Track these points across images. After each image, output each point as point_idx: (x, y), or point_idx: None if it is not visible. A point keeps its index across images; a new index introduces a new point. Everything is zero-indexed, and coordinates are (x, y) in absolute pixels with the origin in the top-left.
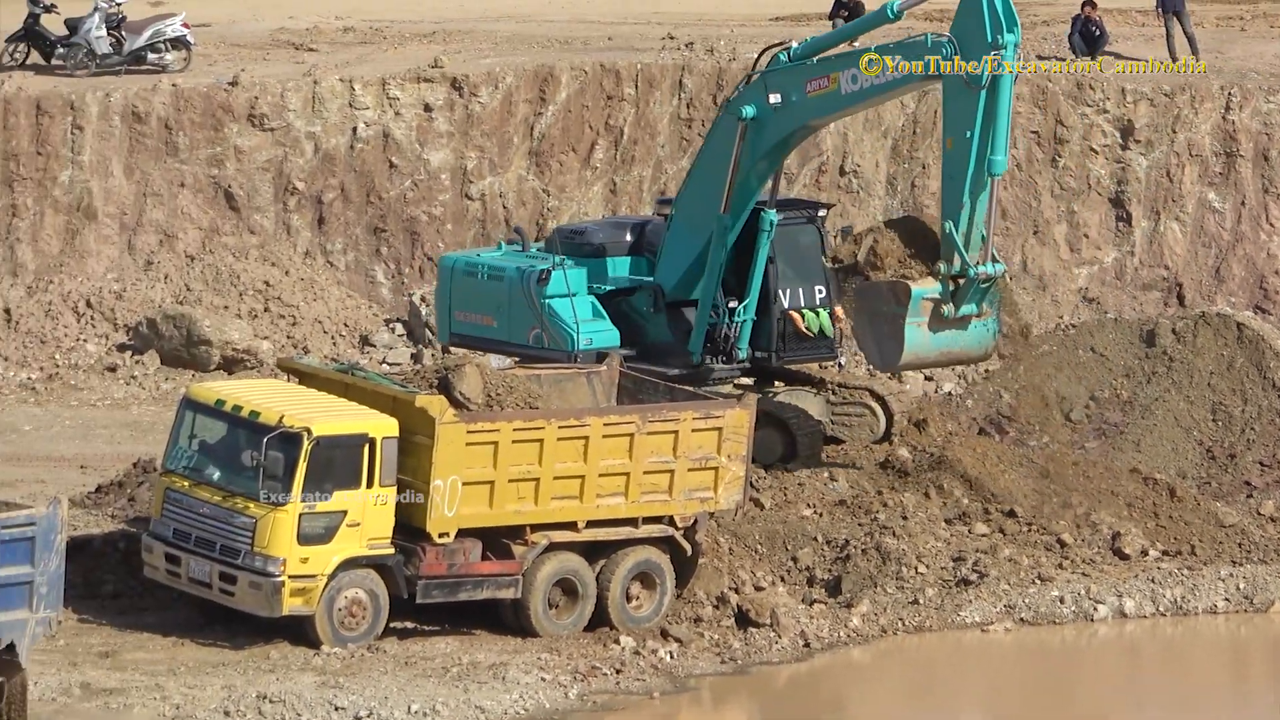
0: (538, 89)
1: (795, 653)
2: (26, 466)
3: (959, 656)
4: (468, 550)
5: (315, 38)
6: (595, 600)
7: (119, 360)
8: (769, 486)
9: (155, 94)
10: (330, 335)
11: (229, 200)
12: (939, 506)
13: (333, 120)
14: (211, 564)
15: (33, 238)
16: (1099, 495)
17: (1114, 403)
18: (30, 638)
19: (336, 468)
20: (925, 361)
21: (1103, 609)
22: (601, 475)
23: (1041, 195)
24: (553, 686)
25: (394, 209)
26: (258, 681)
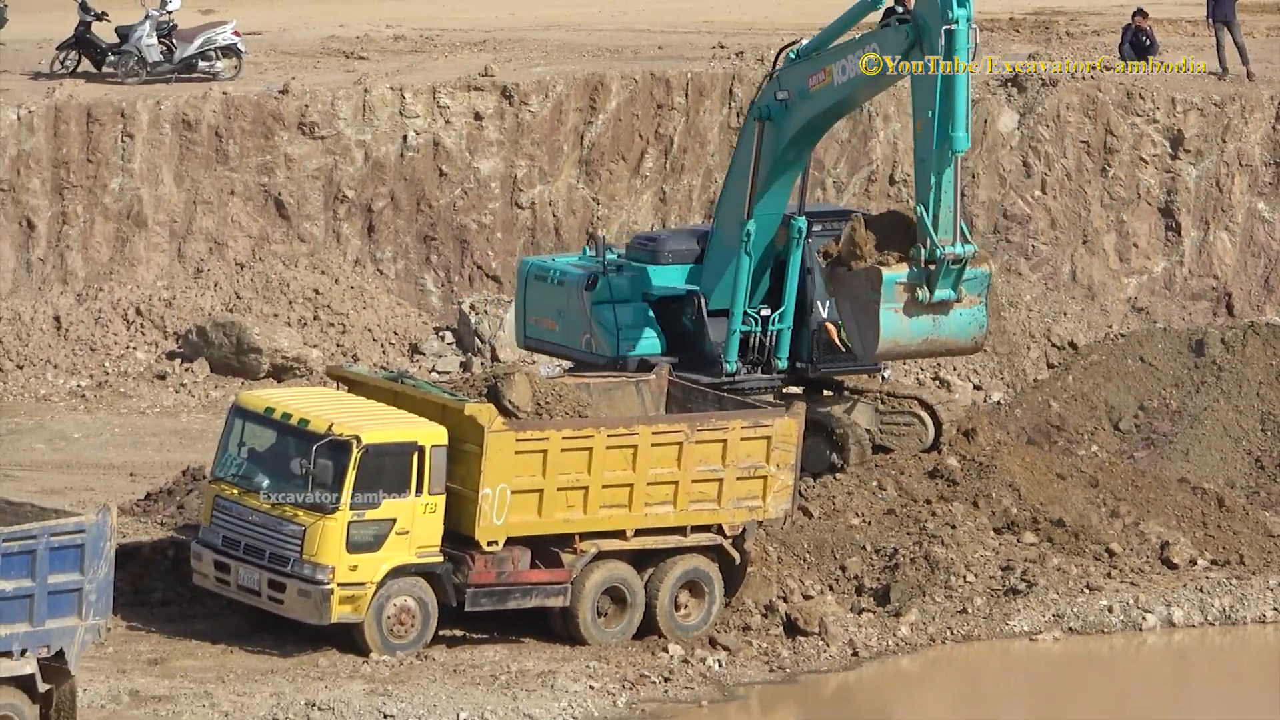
0: (588, 97)
1: (843, 661)
2: (76, 474)
3: (1007, 666)
4: (516, 558)
5: (366, 46)
6: (644, 608)
7: (168, 368)
8: (817, 495)
9: (206, 102)
10: (379, 343)
11: (279, 208)
12: (987, 515)
13: (383, 128)
14: (260, 571)
15: (83, 245)
16: (1147, 505)
17: (1163, 412)
18: (79, 645)
19: (385, 475)
20: (907, 350)
21: (1151, 618)
22: (650, 484)
23: (1091, 205)
24: (601, 695)
25: (444, 217)
26: (306, 689)
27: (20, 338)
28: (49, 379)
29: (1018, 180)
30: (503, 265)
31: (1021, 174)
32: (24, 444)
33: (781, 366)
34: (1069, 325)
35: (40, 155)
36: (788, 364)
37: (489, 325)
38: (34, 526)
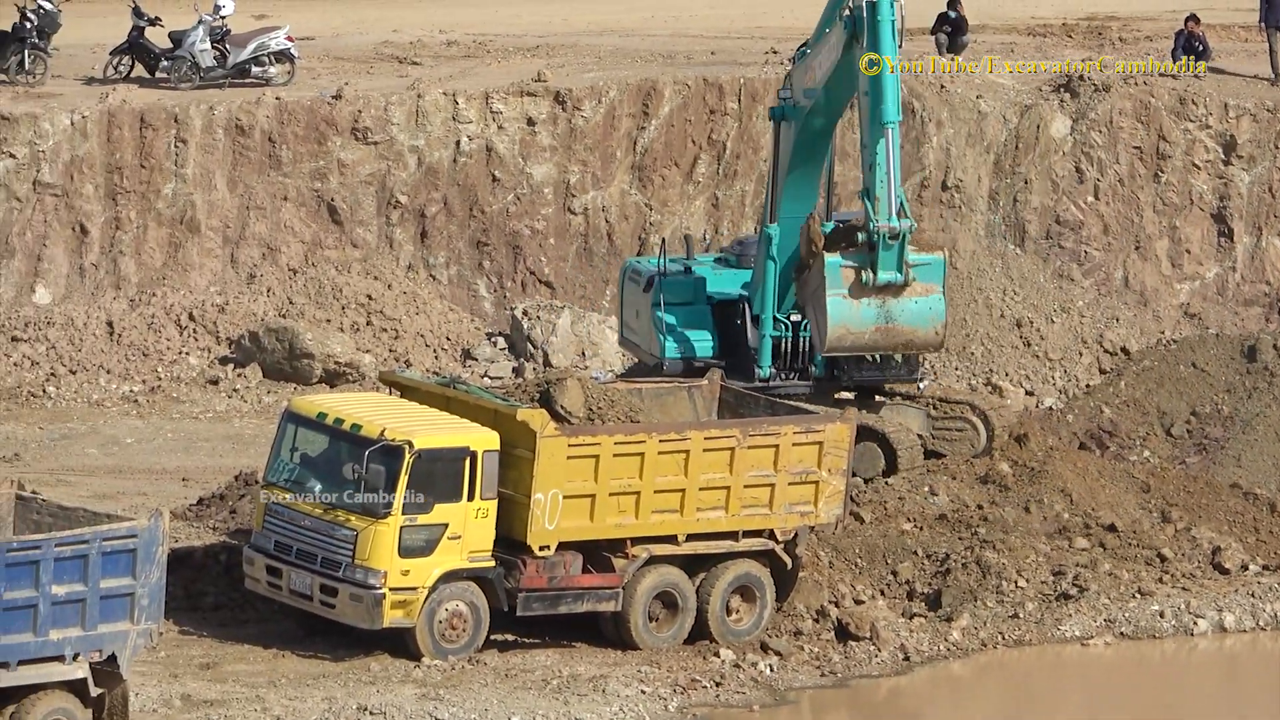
0: (641, 103)
1: (895, 666)
2: (128, 479)
3: (1059, 671)
4: (568, 563)
5: (419, 51)
6: (695, 613)
7: (221, 373)
8: (869, 500)
9: (259, 107)
10: (432, 349)
11: (332, 213)
12: (1039, 521)
13: (436, 134)
14: (312, 576)
15: (136, 251)
16: (1199, 510)
17: (1215, 418)
18: (132, 649)
19: (438, 481)
20: (860, 339)
21: (1203, 623)
22: (702, 489)
23: (1144, 210)
24: (653, 699)
25: (496, 223)
26: (358, 693)
27: (73, 343)
28: (102, 384)
29: (1070, 186)
30: (555, 271)
31: (1074, 180)
32: (77, 449)
33: (817, 373)
34: (1121, 331)
35: (93, 160)
36: (824, 371)
37: (541, 331)
38: (87, 531)
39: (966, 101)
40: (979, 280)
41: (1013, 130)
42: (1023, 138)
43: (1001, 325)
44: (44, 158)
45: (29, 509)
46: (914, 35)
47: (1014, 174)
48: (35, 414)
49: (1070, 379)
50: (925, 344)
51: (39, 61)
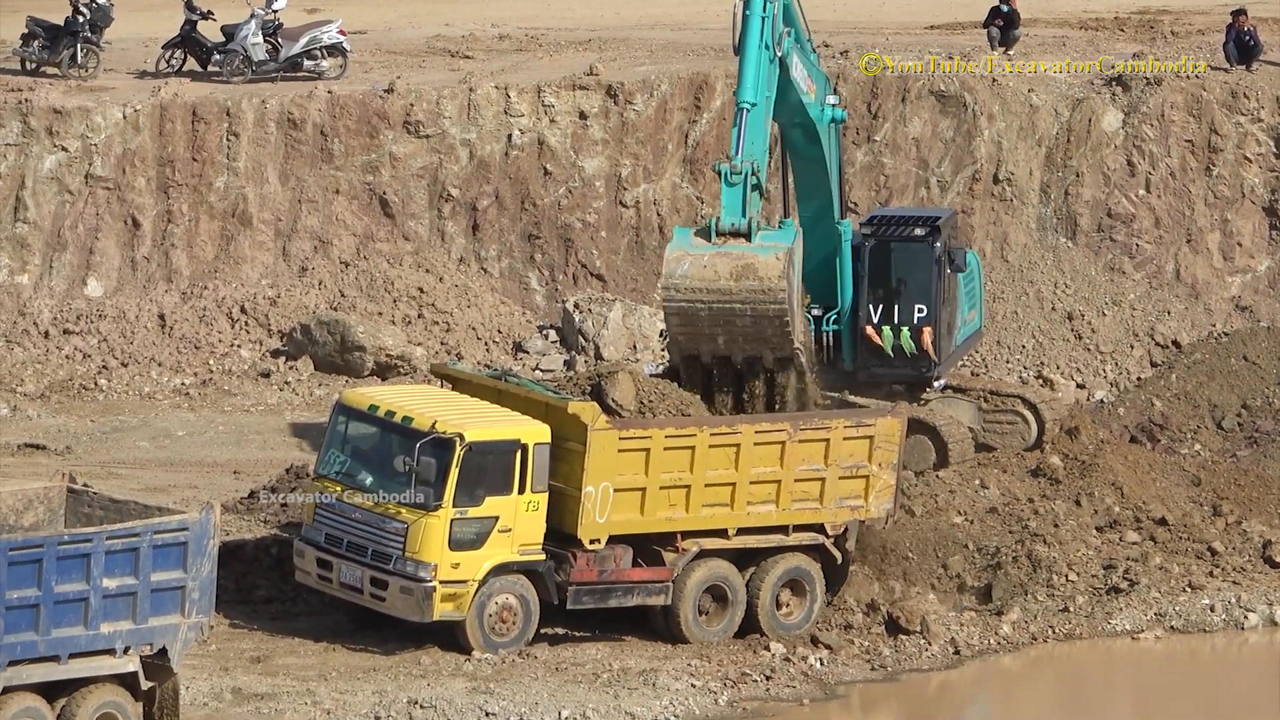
0: (692, 96)
1: (945, 660)
2: (180, 472)
3: (1109, 664)
4: (619, 556)
5: (471, 45)
6: (745, 607)
7: (273, 366)
8: (920, 494)
9: (311, 101)
10: (483, 341)
11: (384, 207)
12: (1090, 514)
13: (488, 127)
14: (363, 569)
15: (188, 244)
16: (1250, 503)
17: (1266, 411)
18: (182, 642)
19: (488, 473)
20: (700, 266)
21: (1254, 617)
22: (753, 483)
23: (1195, 204)
24: (703, 693)
25: (548, 216)
26: (409, 687)
27: (125, 336)
28: (154, 377)
29: (1122, 179)
30: (606, 264)
31: (1126, 173)
32: (129, 441)
33: (848, 367)
34: (1172, 324)
35: (145, 154)
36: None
37: (593, 324)
38: (138, 525)
39: (1018, 94)
40: (1030, 273)
41: (1064, 123)
42: (1074, 131)
43: (1053, 318)
44: (96, 151)
45: (80, 502)
46: (966, 29)
47: (1065, 167)
48: (87, 407)
49: (1121, 372)
50: (769, 276)
51: (91, 55)
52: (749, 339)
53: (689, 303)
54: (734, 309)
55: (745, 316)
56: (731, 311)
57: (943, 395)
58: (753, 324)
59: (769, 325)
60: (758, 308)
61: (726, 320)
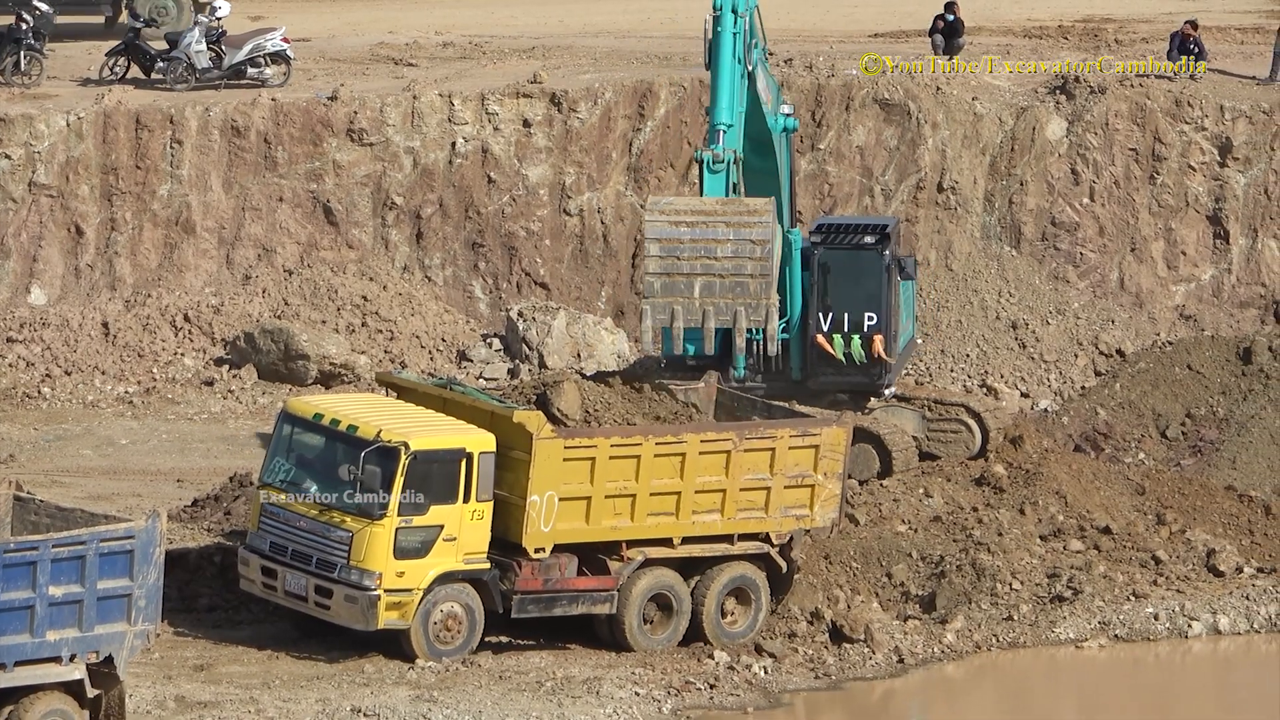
0: (636, 104)
1: (889, 668)
2: (123, 480)
3: (1053, 673)
4: (563, 565)
5: (415, 53)
6: (690, 616)
7: (216, 374)
8: (864, 503)
9: (254, 108)
10: (428, 350)
11: (327, 215)
12: (1034, 523)
13: (431, 135)
14: (307, 577)
15: (131, 251)
16: (1194, 512)
17: (1210, 420)
18: (129, 650)
19: (433, 482)
20: (687, 211)
21: (1197, 626)
22: (698, 492)
23: (1139, 212)
24: (647, 701)
25: (492, 224)
26: (352, 695)
27: (69, 344)
28: (97, 385)
29: (1066, 188)
30: (550, 272)
31: (1070, 181)
32: (72, 450)
33: (796, 376)
34: (1117, 333)
35: (89, 161)
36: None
37: (537, 332)
38: (84, 532)
39: (962, 103)
40: (974, 282)
41: (1008, 132)
42: (1018, 139)
43: (997, 327)
44: (39, 159)
45: (27, 510)
46: (910, 37)
47: (1009, 175)
48: (30, 415)
49: (1065, 381)
50: (756, 204)
51: (35, 62)
52: (726, 287)
53: (673, 224)
54: (717, 233)
55: (727, 243)
56: (714, 238)
57: (887, 404)
58: (733, 258)
59: (750, 257)
60: (741, 231)
61: (707, 251)
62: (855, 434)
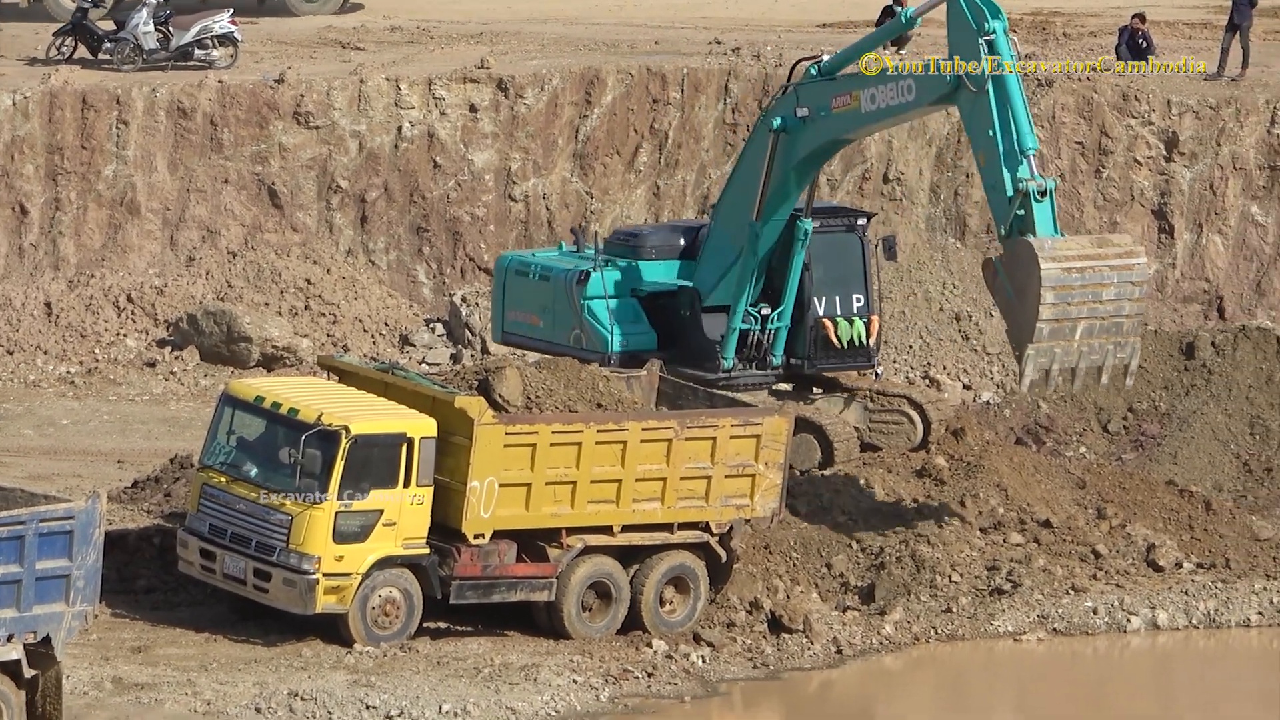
0: (583, 91)
1: (827, 659)
2: (63, 460)
3: (991, 665)
4: (503, 552)
5: (362, 37)
6: (629, 604)
7: (158, 355)
8: (805, 493)
9: (201, 90)
10: (370, 334)
11: (272, 197)
12: (974, 515)
13: (378, 119)
14: (246, 560)
15: (75, 232)
16: (1134, 507)
17: (1152, 415)
18: (66, 631)
19: (374, 467)
20: (1072, 257)
21: (1136, 620)
22: (639, 480)
23: (1085, 206)
24: (584, 689)
25: (437, 209)
26: (290, 679)
27: (11, 323)
28: (39, 365)
29: None
30: (494, 258)
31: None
32: (12, 429)
33: (777, 364)
34: None
35: (35, 141)
36: (783, 361)
37: (480, 318)
38: (23, 512)
39: None
40: (919, 273)
41: (955, 124)
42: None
43: (940, 319)
44: None
45: None
46: (858, 27)
47: (955, 168)
48: None
49: (1008, 373)
50: (1123, 242)
51: None
52: (1104, 328)
53: (1065, 270)
54: (1102, 276)
55: (1110, 286)
56: (1100, 282)
57: (829, 395)
58: (1115, 300)
59: (1129, 299)
60: (1124, 273)
61: (1094, 295)
62: (797, 424)
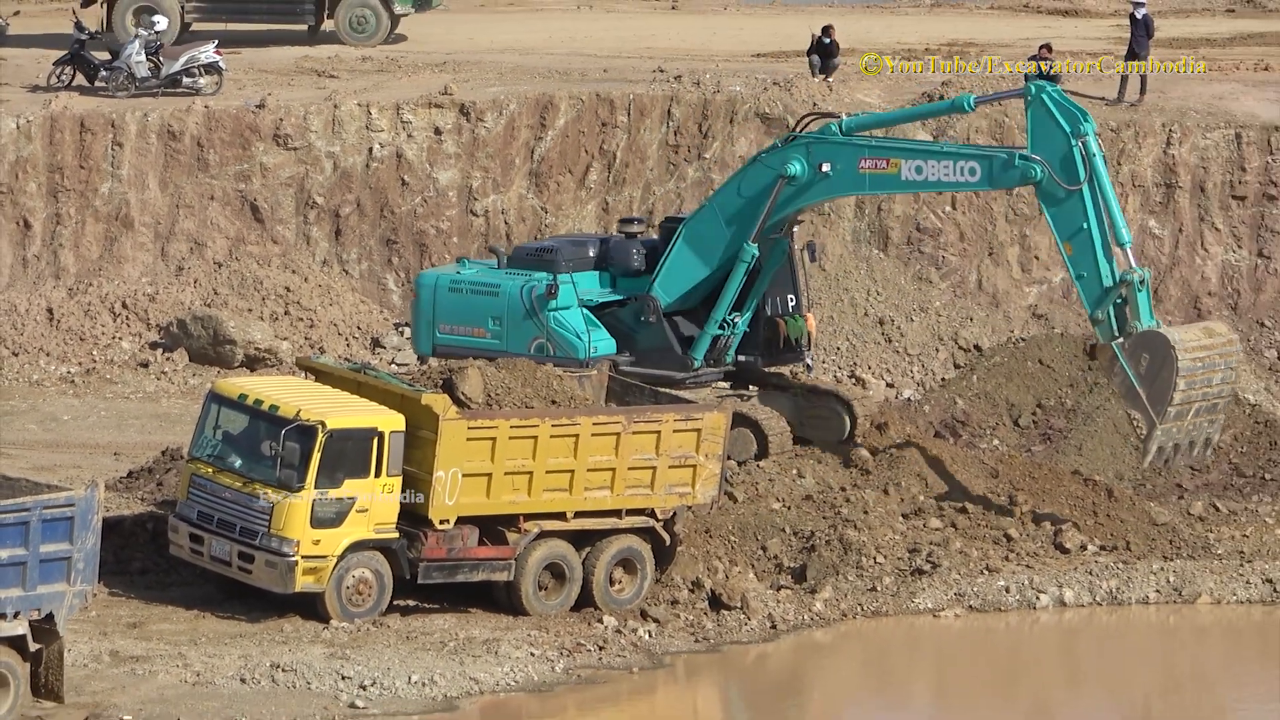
0: (538, 115)
1: (763, 634)
2: (64, 453)
3: (912, 640)
4: (466, 536)
5: (336, 66)
6: (581, 583)
7: (151, 357)
8: (742, 482)
9: (189, 114)
10: (344, 337)
11: (254, 212)
12: (897, 502)
13: (350, 141)
14: (232, 544)
15: (74, 244)
16: (1043, 494)
17: (1059, 410)
18: (68, 609)
19: (348, 458)
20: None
21: (1044, 598)
22: (590, 470)
23: (997, 220)
24: (541, 661)
25: (405, 223)
26: (272, 652)
27: (16, 327)
28: (42, 365)
29: (930, 196)
30: None
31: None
32: (18, 425)
33: (729, 361)
34: (974, 329)
35: (37, 161)
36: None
37: None
38: (28, 500)
39: None
40: (845, 281)
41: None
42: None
43: (865, 323)
44: None
45: None
46: (789, 57)
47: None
48: None
49: (927, 373)
50: (1222, 330)
51: None
52: (1207, 408)
53: (1194, 360)
54: (1214, 364)
55: (1218, 372)
56: (1212, 369)
57: (764, 392)
58: (1220, 384)
59: (1228, 382)
60: (1229, 360)
61: (1206, 381)
62: (735, 419)
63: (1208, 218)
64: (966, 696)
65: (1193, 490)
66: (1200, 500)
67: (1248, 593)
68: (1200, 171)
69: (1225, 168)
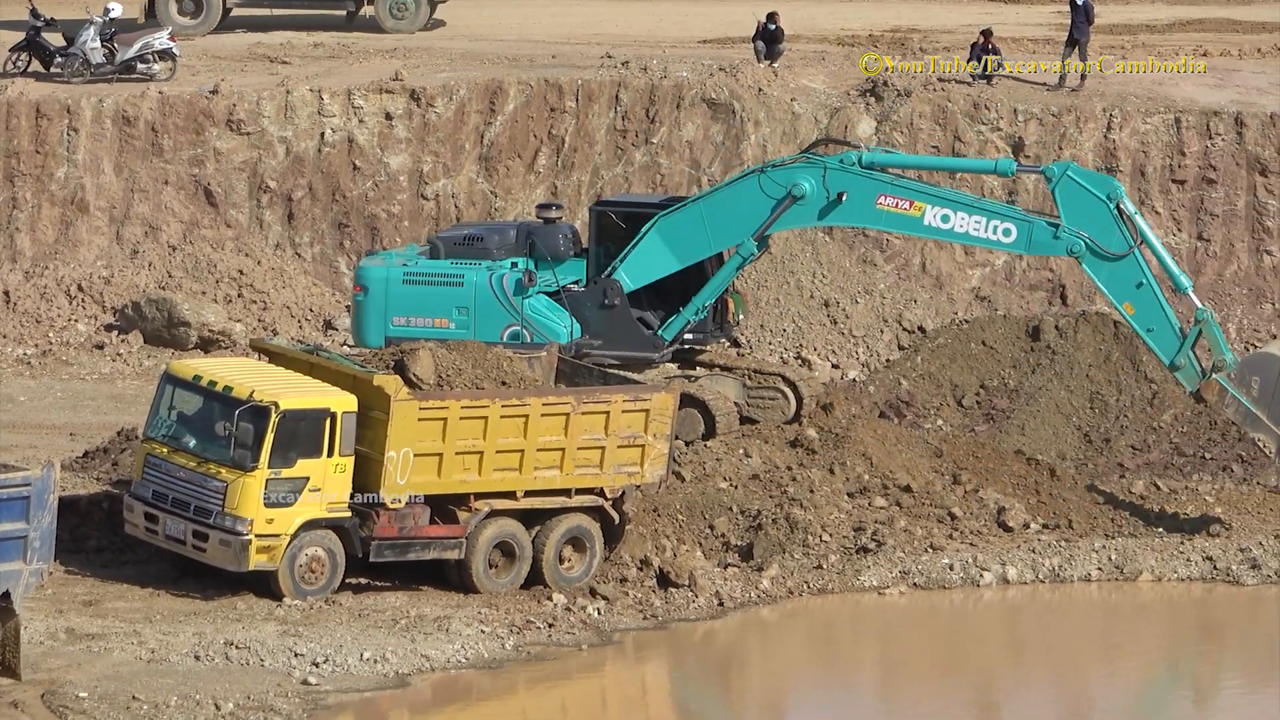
0: (488, 101)
1: (710, 611)
2: (21, 433)
3: (858, 617)
4: (417, 515)
5: (288, 52)
6: (531, 561)
7: (106, 339)
8: (690, 461)
9: (143, 100)
10: (297, 319)
11: (208, 197)
12: (842, 481)
13: (303, 126)
14: (186, 523)
15: (31, 228)
16: (986, 474)
17: (1002, 391)
18: (24, 587)
19: (301, 438)
20: None
21: (988, 576)
22: (539, 450)
23: None
24: (491, 638)
25: (356, 207)
26: (226, 629)
27: None
28: None
29: None
30: None
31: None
32: None
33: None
34: (919, 311)
35: None
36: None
37: None
38: None
39: (782, 103)
40: (791, 264)
41: (823, 129)
42: (832, 136)
43: (811, 305)
44: None
45: None
46: (735, 43)
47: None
48: None
49: (872, 354)
50: None
51: None
52: None
53: None
54: None
55: None
56: None
57: (711, 373)
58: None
59: None
60: None
61: None
62: (682, 399)
63: (1148, 201)
64: (911, 673)
65: (1133, 470)
66: (1141, 480)
67: (1188, 570)
68: (1140, 156)
69: (1165, 152)
